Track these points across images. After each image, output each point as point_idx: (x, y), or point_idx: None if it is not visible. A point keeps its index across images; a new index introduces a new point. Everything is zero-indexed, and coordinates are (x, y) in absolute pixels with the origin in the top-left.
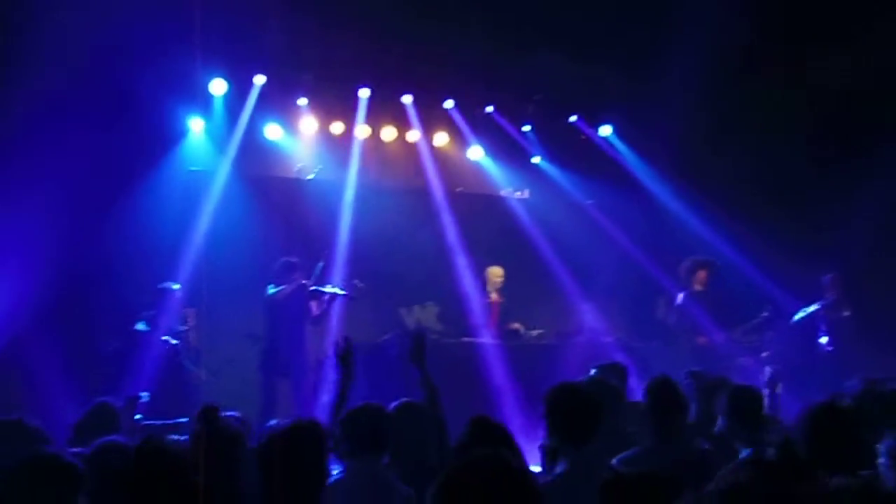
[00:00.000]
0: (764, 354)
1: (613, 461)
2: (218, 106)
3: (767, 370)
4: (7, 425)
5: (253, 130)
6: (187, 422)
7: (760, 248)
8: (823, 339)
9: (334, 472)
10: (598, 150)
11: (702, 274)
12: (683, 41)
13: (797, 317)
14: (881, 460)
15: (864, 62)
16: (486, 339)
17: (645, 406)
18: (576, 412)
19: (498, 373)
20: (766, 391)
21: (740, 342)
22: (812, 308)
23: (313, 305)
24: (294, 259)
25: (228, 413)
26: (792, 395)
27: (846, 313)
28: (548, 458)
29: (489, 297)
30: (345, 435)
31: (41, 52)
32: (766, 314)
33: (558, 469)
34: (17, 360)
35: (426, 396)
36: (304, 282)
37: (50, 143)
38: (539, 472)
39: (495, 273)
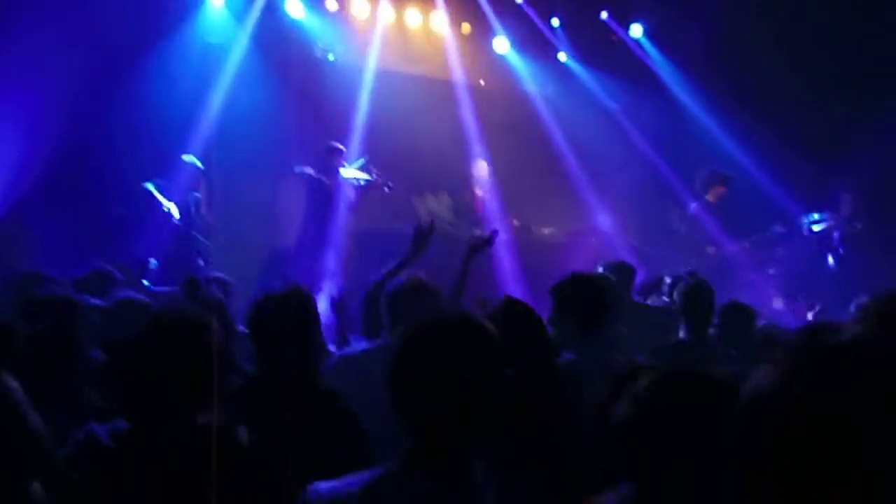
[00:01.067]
0: (771, 271)
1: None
2: None
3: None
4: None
5: (274, 6)
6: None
7: (782, 161)
8: (831, 258)
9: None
10: (627, 50)
11: (720, 189)
12: None
13: (805, 221)
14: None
15: None
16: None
17: (678, 306)
18: (590, 303)
19: (508, 268)
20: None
21: (750, 255)
22: (820, 217)
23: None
24: (337, 144)
25: (214, 274)
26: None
27: (858, 226)
28: None
29: (474, 191)
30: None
31: None
32: (777, 228)
33: (565, 357)
34: (21, 222)
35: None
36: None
37: (59, 12)
38: None
39: (479, 166)
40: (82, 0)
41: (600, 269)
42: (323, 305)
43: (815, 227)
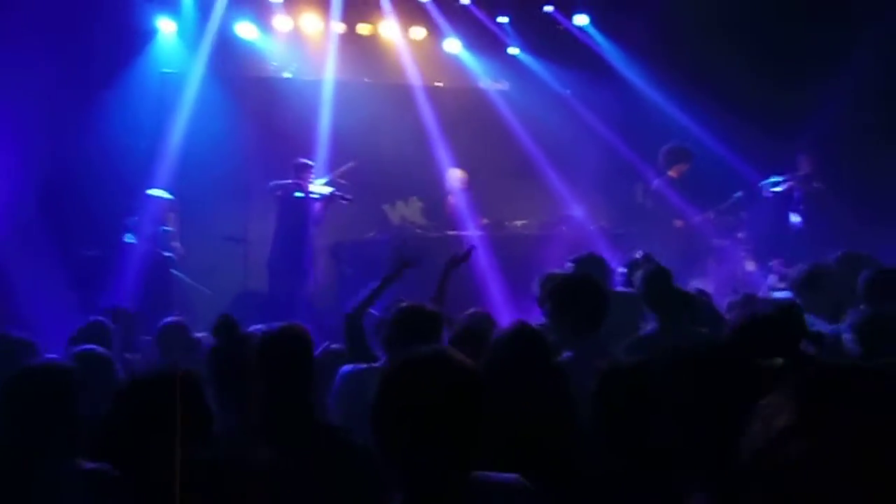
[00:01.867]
0: (740, 235)
1: (622, 347)
2: (188, 5)
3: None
4: None
5: (225, 29)
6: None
7: (738, 132)
8: (795, 218)
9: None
10: (575, 39)
11: (682, 166)
12: None
13: (764, 183)
14: (845, 335)
15: None
16: (470, 231)
17: (643, 294)
18: (586, 304)
19: (484, 264)
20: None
21: (716, 223)
22: (780, 179)
23: (317, 207)
24: (306, 160)
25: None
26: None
27: (816, 185)
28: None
29: (449, 198)
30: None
31: None
32: (739, 194)
33: (563, 356)
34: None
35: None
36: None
37: (14, 48)
38: None
39: (453, 175)
40: (32, 41)
41: (569, 265)
42: None
43: (776, 189)
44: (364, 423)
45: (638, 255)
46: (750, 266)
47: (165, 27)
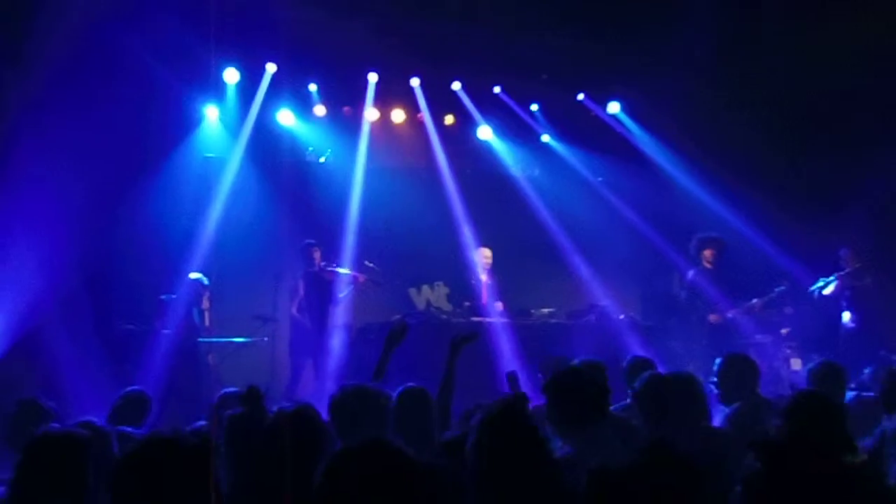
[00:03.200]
0: (783, 331)
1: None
2: (231, 94)
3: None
4: (23, 404)
5: (265, 117)
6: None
7: (774, 220)
8: (846, 316)
9: None
10: (607, 127)
11: (707, 252)
12: (687, 15)
13: (815, 287)
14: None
15: (873, 27)
16: (496, 318)
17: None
18: (579, 395)
19: (508, 352)
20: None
21: (758, 318)
22: (831, 279)
23: (338, 288)
24: (312, 241)
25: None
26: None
27: (868, 280)
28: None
29: (480, 278)
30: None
31: (59, 42)
32: (781, 288)
33: (560, 452)
34: (40, 346)
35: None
36: (324, 265)
37: (68, 132)
38: None
39: (483, 254)
40: (88, 124)
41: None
42: None
43: (825, 291)
44: None
45: None
46: (796, 365)
47: (211, 114)
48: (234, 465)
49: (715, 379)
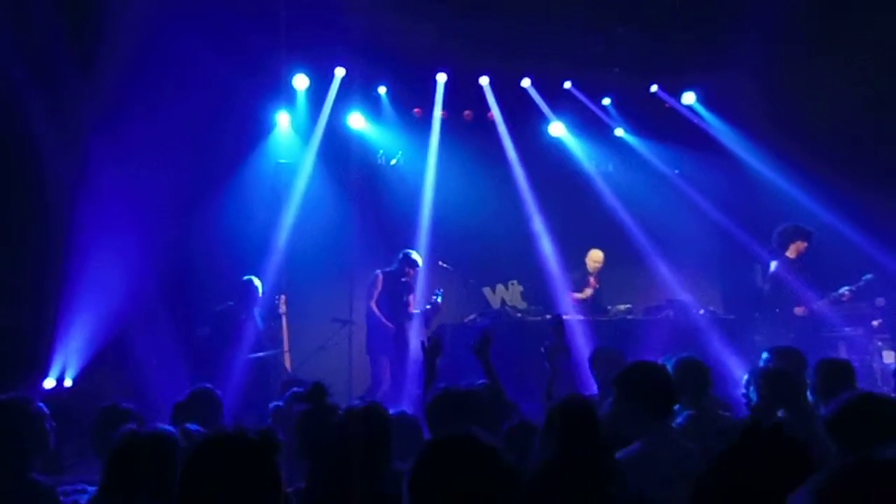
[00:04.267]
0: (875, 323)
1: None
2: (301, 100)
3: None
4: (105, 410)
5: (336, 121)
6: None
7: (860, 207)
8: None
9: None
10: (682, 118)
11: (801, 245)
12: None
13: None
14: None
15: None
16: (573, 315)
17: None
18: (652, 390)
19: (585, 350)
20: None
21: (848, 310)
22: None
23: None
24: (410, 252)
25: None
26: None
27: None
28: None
29: (590, 280)
30: None
31: (131, 51)
32: (869, 277)
33: (633, 447)
34: (123, 353)
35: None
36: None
37: (143, 142)
38: None
39: (594, 257)
40: (162, 133)
41: (765, 356)
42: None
43: None
44: None
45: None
46: (889, 358)
47: (282, 121)
48: (304, 460)
49: None
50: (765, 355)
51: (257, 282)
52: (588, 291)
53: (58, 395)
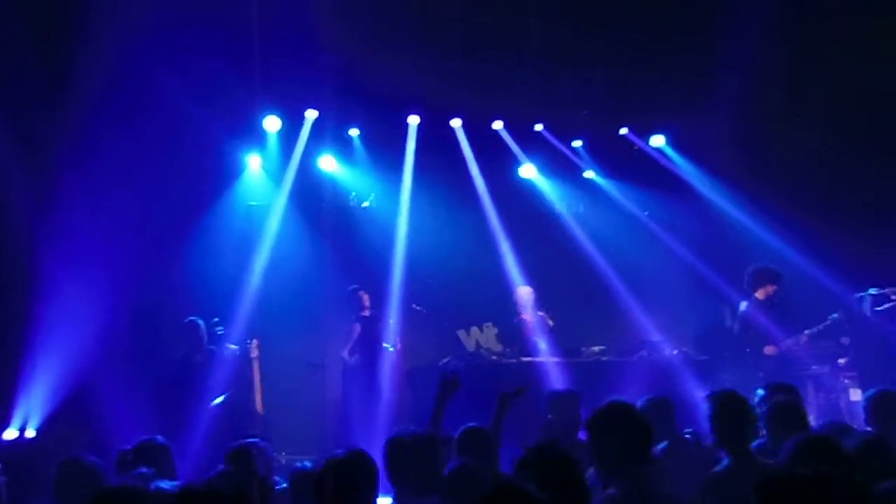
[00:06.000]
0: (841, 361)
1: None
2: (272, 141)
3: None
4: (66, 464)
5: (307, 163)
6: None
7: (826, 247)
8: None
9: None
10: (651, 160)
11: (770, 287)
12: (729, 45)
13: (862, 295)
14: None
15: None
16: (547, 357)
17: (716, 423)
18: (624, 433)
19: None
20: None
21: (814, 349)
22: (878, 292)
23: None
24: (356, 286)
25: (247, 440)
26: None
27: None
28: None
29: (521, 316)
30: None
31: (102, 90)
32: (835, 316)
33: (607, 493)
34: (88, 401)
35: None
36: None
37: (112, 183)
38: None
39: (523, 292)
40: (131, 174)
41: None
42: None
43: (879, 308)
44: None
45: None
46: (854, 395)
47: (253, 163)
48: None
49: None
50: (760, 392)
51: (200, 321)
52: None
53: (18, 447)
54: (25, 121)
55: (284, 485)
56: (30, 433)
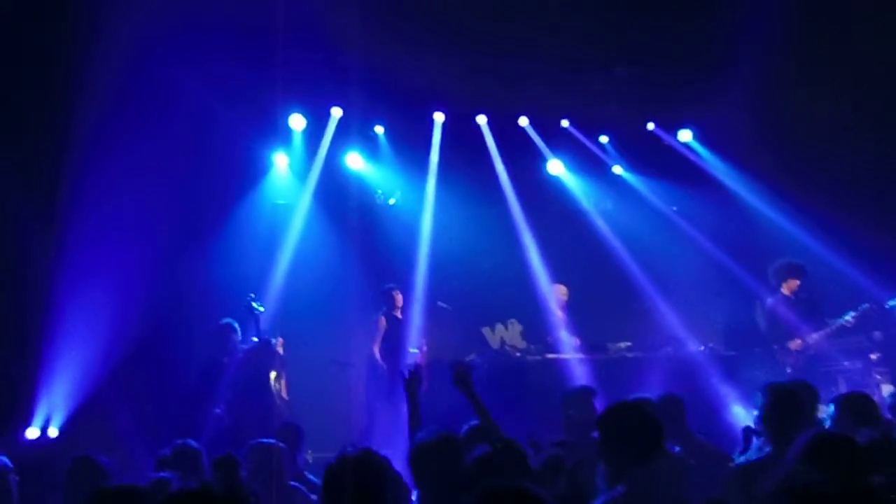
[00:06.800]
0: (873, 356)
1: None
2: (298, 140)
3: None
4: (78, 461)
5: (333, 161)
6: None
7: (856, 241)
8: None
9: None
10: (679, 155)
11: (794, 282)
12: (753, 37)
13: (892, 303)
14: None
15: None
16: (572, 353)
17: (767, 413)
18: (635, 431)
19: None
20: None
21: (843, 344)
22: None
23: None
24: (392, 284)
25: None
26: None
27: None
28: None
29: (556, 314)
30: None
31: (127, 91)
32: (865, 306)
33: (617, 490)
34: (114, 397)
35: (481, 422)
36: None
37: (138, 183)
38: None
39: (559, 291)
40: (157, 174)
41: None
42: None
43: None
44: None
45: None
46: (887, 391)
47: (280, 161)
48: None
49: None
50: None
51: (236, 325)
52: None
53: (39, 447)
54: (53, 122)
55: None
56: (52, 432)
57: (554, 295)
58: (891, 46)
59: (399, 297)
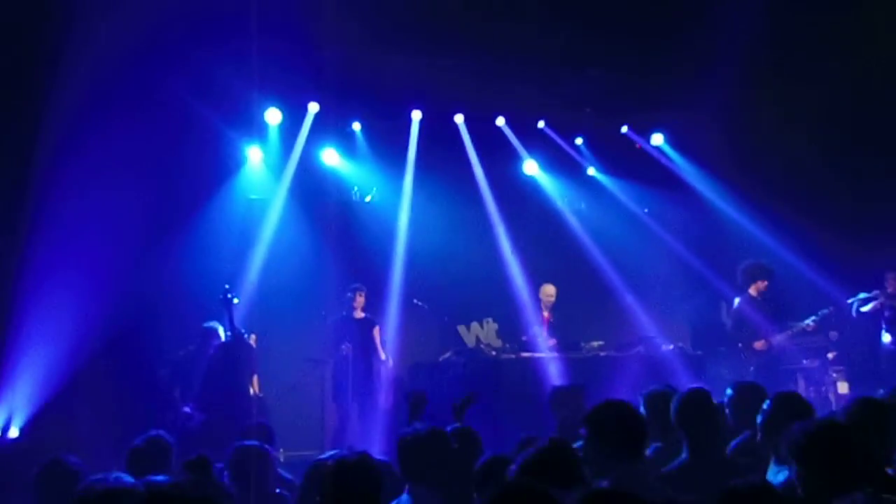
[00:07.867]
0: (829, 355)
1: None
2: (273, 134)
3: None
4: (47, 465)
5: (309, 157)
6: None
7: (818, 245)
8: (886, 337)
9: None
10: (651, 158)
11: (761, 283)
12: (723, 44)
13: (853, 299)
14: None
15: None
16: (546, 353)
17: (676, 420)
18: (622, 428)
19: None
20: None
21: (802, 343)
22: (869, 295)
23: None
24: (357, 284)
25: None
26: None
27: None
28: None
29: (542, 315)
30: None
31: (101, 84)
32: (825, 311)
33: (600, 485)
34: (81, 395)
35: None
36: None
37: (110, 176)
38: None
39: (547, 291)
40: (129, 167)
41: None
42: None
43: (864, 308)
44: None
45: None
46: (843, 388)
47: (253, 156)
48: None
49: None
50: (729, 391)
51: (220, 330)
52: (546, 314)
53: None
54: (21, 116)
55: (288, 477)
56: (13, 433)
57: (542, 295)
58: (860, 53)
59: (359, 299)
